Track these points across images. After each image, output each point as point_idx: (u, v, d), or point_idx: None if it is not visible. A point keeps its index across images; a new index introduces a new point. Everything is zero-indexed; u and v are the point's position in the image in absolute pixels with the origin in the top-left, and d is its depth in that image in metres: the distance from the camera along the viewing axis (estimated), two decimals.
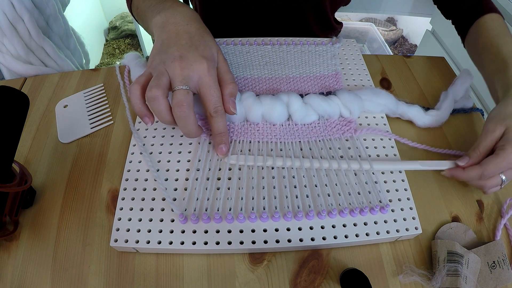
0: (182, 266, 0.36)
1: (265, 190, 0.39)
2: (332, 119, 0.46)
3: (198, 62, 0.36)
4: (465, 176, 0.39)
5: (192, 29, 0.39)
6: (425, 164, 0.42)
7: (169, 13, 0.40)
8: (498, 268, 0.37)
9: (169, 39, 0.38)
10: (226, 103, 0.39)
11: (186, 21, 0.39)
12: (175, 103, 0.35)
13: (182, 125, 0.37)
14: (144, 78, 0.37)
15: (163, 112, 0.36)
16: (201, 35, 0.39)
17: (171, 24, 0.39)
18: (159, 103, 0.35)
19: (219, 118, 0.38)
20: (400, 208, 0.39)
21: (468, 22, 0.53)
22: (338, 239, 0.36)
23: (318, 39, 0.57)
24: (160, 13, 0.40)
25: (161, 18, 0.40)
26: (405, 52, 1.86)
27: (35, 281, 0.35)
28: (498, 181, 0.39)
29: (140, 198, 0.38)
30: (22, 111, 0.36)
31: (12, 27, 0.63)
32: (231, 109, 0.39)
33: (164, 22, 0.39)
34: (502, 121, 0.39)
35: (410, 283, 0.36)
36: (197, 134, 0.38)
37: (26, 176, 0.38)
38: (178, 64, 0.36)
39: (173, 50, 0.37)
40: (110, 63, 1.72)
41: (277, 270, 0.36)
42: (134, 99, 0.36)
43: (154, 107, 0.36)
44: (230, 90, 0.39)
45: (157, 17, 0.40)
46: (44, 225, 0.39)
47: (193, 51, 0.37)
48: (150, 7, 0.44)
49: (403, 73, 0.58)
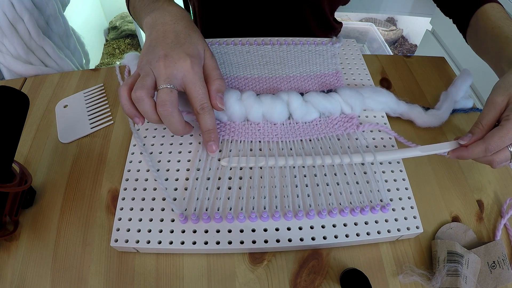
0: (182, 266, 0.36)
1: (266, 189, 0.39)
2: (333, 116, 0.46)
3: (182, 59, 0.37)
4: (469, 154, 0.37)
5: (179, 28, 0.39)
6: (426, 149, 0.41)
7: (159, 13, 0.40)
8: (498, 268, 0.37)
9: (156, 39, 0.39)
10: (213, 99, 0.39)
11: (174, 20, 0.40)
12: (159, 102, 0.36)
13: (167, 123, 0.37)
14: (132, 79, 0.37)
15: (148, 112, 0.36)
16: (188, 33, 0.39)
17: (159, 24, 0.39)
18: (144, 104, 0.35)
19: (206, 114, 0.38)
20: (401, 207, 0.39)
21: (468, 14, 0.52)
22: (339, 239, 0.36)
23: (318, 39, 0.57)
24: (150, 13, 0.41)
25: (151, 19, 0.40)
26: (405, 52, 1.86)
27: (35, 281, 0.35)
28: (507, 155, 0.36)
29: (141, 198, 0.38)
30: (22, 111, 0.36)
31: (12, 27, 0.63)
32: (218, 105, 0.39)
33: (153, 22, 0.40)
34: (505, 91, 0.37)
35: (410, 283, 0.36)
36: (184, 131, 0.38)
37: (26, 176, 0.38)
38: (162, 63, 0.36)
39: (159, 49, 0.37)
40: (110, 63, 1.72)
41: (277, 270, 0.36)
42: (123, 100, 0.36)
43: (140, 108, 0.36)
44: (216, 86, 0.39)
45: (147, 17, 0.41)
46: (44, 225, 0.39)
47: (178, 49, 0.37)
48: (143, 7, 0.45)
49: (403, 73, 0.58)
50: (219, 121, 0.45)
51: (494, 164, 0.37)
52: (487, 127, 0.37)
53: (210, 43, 0.55)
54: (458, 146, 0.39)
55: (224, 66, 0.52)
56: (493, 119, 0.37)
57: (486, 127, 0.37)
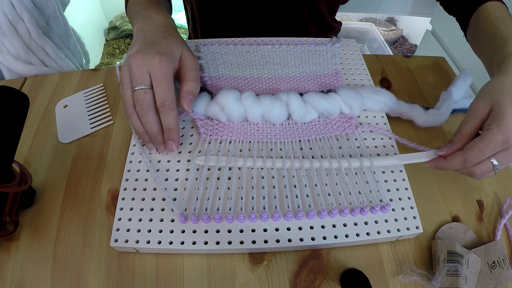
0: (182, 266, 0.36)
1: (265, 189, 0.39)
2: (332, 117, 0.46)
3: (150, 57, 0.37)
4: (448, 165, 0.36)
5: (158, 33, 0.40)
6: (404, 158, 0.40)
7: (145, 22, 0.42)
8: (498, 268, 0.37)
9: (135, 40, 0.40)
10: (182, 100, 0.40)
11: (156, 27, 0.41)
12: (136, 103, 0.37)
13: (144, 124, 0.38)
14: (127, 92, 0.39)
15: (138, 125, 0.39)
16: (165, 36, 0.40)
17: (143, 31, 0.41)
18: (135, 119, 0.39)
19: (166, 113, 0.38)
20: (401, 208, 0.39)
21: (469, 12, 0.50)
22: (339, 239, 0.36)
23: (318, 39, 0.57)
24: (139, 21, 0.43)
25: (137, 27, 0.42)
26: (405, 52, 1.86)
27: (35, 281, 0.35)
28: (488, 167, 0.34)
29: (140, 198, 0.38)
30: (22, 111, 0.36)
31: (12, 27, 0.63)
32: (185, 106, 0.40)
33: (139, 30, 0.41)
34: (488, 97, 0.35)
35: (410, 283, 0.36)
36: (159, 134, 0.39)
37: (26, 176, 0.38)
38: (133, 61, 0.37)
39: (134, 48, 0.39)
40: (110, 63, 1.72)
41: (277, 270, 0.36)
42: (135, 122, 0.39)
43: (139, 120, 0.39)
44: (188, 87, 0.40)
45: (136, 25, 0.43)
46: (44, 225, 0.39)
47: (150, 48, 0.38)
48: (136, 14, 0.46)
49: (403, 73, 0.58)
50: (218, 121, 0.45)
51: (476, 176, 0.36)
52: (467, 136, 0.36)
53: (210, 43, 0.55)
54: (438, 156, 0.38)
55: (224, 66, 0.52)
56: (473, 128, 0.35)
57: (466, 137, 0.36)
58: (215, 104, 0.44)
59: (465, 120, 0.36)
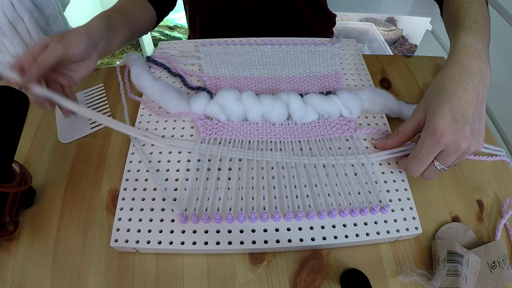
0: (182, 266, 0.36)
1: (265, 190, 0.39)
2: (332, 119, 0.46)
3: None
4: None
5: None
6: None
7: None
8: (498, 268, 0.37)
9: None
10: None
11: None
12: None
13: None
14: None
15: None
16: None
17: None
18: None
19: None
20: (400, 208, 0.39)
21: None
22: (339, 239, 0.36)
23: (318, 39, 0.57)
24: None
25: None
26: (405, 52, 1.86)
27: (35, 281, 0.35)
28: (434, 171, 0.37)
29: (140, 198, 0.38)
30: (22, 111, 0.36)
31: (12, 27, 0.63)
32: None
33: None
34: (424, 102, 0.37)
35: (410, 283, 0.36)
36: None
37: (26, 176, 0.38)
38: None
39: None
40: (110, 63, 1.72)
41: (277, 270, 0.36)
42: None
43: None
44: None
45: None
46: (44, 225, 0.39)
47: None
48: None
49: (403, 73, 0.58)
50: (218, 120, 0.45)
51: (426, 179, 0.39)
52: (402, 135, 0.39)
53: (210, 43, 0.55)
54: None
55: (224, 66, 0.52)
56: (409, 128, 0.39)
57: (401, 135, 0.39)
58: (214, 103, 0.44)
59: (406, 120, 0.39)
